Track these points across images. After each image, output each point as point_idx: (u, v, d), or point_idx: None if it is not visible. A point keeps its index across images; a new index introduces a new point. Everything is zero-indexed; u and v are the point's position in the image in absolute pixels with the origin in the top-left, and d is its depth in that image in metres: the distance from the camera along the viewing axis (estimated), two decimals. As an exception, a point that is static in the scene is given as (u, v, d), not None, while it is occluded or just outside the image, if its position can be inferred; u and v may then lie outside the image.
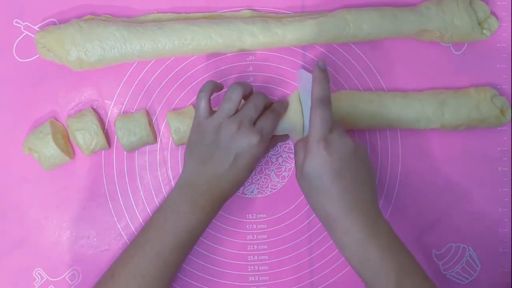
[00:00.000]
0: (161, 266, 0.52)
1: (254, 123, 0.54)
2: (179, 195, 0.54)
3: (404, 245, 0.51)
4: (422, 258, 0.62)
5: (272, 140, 0.59)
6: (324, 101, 0.52)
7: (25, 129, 0.61)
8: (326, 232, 0.62)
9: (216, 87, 0.56)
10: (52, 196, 0.61)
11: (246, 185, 0.62)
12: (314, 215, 0.62)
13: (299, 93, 0.59)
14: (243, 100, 0.56)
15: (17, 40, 0.61)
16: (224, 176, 0.53)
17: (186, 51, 0.59)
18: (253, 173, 0.62)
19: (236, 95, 0.54)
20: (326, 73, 0.53)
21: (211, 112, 0.55)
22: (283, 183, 0.62)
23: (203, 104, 0.55)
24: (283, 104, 0.59)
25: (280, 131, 0.58)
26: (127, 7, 0.62)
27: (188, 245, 0.54)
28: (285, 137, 0.62)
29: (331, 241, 0.62)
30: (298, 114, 0.58)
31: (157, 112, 0.62)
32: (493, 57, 0.63)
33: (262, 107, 0.56)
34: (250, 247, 0.62)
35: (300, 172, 0.51)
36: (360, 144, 0.52)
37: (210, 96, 0.55)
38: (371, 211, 0.51)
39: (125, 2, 0.62)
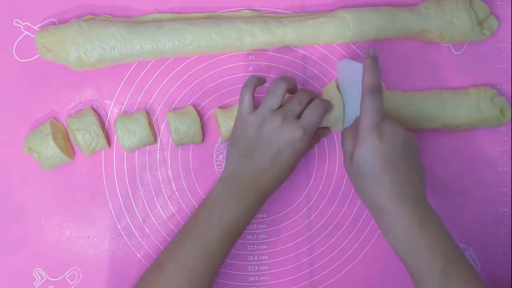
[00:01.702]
0: (208, 258, 0.52)
1: (299, 118, 0.54)
2: (224, 188, 0.54)
3: (451, 235, 0.51)
4: (422, 258, 0.62)
5: (315, 134, 0.58)
6: (376, 90, 0.52)
7: (25, 129, 0.61)
8: (326, 232, 0.62)
9: (259, 81, 0.56)
10: (52, 196, 0.61)
11: (246, 185, 0.62)
12: (314, 215, 0.62)
13: (337, 84, 0.59)
14: (287, 95, 0.56)
15: (17, 40, 0.61)
16: (267, 171, 0.54)
17: (186, 51, 0.59)
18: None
19: (280, 90, 0.54)
20: (377, 62, 0.53)
21: (255, 107, 0.55)
22: (283, 183, 0.62)
23: (247, 99, 0.55)
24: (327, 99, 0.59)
25: (323, 123, 0.58)
26: (127, 7, 0.62)
27: (234, 237, 0.54)
28: (327, 131, 0.62)
29: (331, 241, 0.62)
30: (339, 105, 0.58)
31: (157, 112, 0.62)
32: (493, 57, 0.64)
33: (307, 102, 0.56)
34: (250, 247, 0.62)
35: (349, 160, 0.52)
36: (410, 133, 0.52)
37: (254, 91, 0.55)
38: (420, 200, 0.51)
39: (125, 2, 0.62)
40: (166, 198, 0.62)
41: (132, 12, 0.62)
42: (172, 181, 0.62)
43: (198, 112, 0.61)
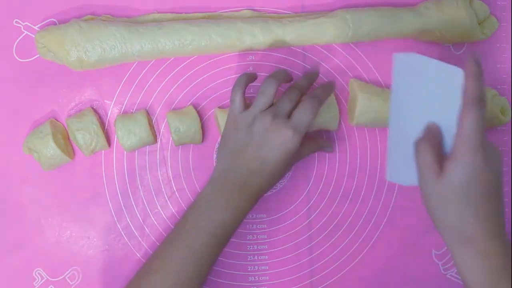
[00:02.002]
0: (196, 263, 0.51)
1: (290, 116, 0.53)
2: (213, 190, 0.54)
3: None
4: (422, 258, 0.62)
5: (315, 142, 0.57)
6: (482, 102, 0.44)
7: (25, 129, 0.61)
8: (326, 232, 0.62)
9: (250, 79, 0.55)
10: (52, 196, 0.61)
11: (246, 185, 0.62)
12: (314, 215, 0.62)
13: (393, 83, 0.52)
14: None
15: (17, 40, 0.61)
16: (257, 171, 0.53)
17: (186, 51, 0.59)
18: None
19: (270, 89, 0.53)
20: (482, 69, 0.45)
21: (246, 106, 0.54)
22: (283, 183, 0.62)
23: (237, 98, 0.54)
24: (326, 90, 0.56)
25: (318, 124, 0.58)
26: (127, 7, 0.62)
27: (223, 241, 0.53)
28: (329, 148, 0.61)
29: (331, 241, 0.62)
30: (334, 107, 0.58)
31: (157, 112, 0.62)
32: (493, 57, 0.64)
33: (298, 100, 0.54)
34: (250, 247, 0.62)
35: (432, 179, 0.46)
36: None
37: (245, 89, 0.54)
38: (507, 235, 0.47)
39: (125, 2, 0.62)
40: (166, 198, 0.62)
41: (132, 12, 0.62)
42: (172, 181, 0.62)
43: (198, 112, 0.61)
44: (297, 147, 0.53)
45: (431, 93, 0.49)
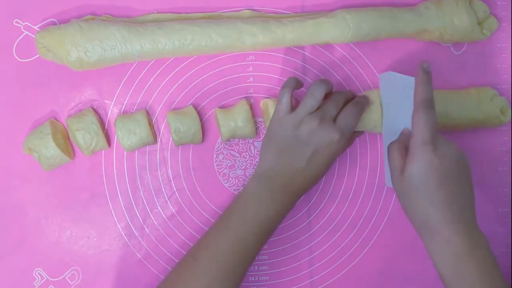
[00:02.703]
0: (242, 252, 0.52)
1: (335, 120, 0.55)
2: (259, 184, 0.54)
3: (497, 260, 0.49)
4: (421, 258, 0.62)
5: (351, 136, 0.58)
6: (430, 103, 0.50)
7: (25, 129, 0.61)
8: (326, 232, 0.62)
9: (299, 84, 0.57)
10: (52, 196, 0.61)
11: (246, 185, 0.62)
12: (314, 215, 0.62)
13: (380, 94, 0.59)
14: None
15: (17, 40, 0.61)
16: (302, 171, 0.54)
17: (186, 51, 0.59)
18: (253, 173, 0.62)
19: (319, 93, 0.54)
20: (430, 76, 0.51)
21: (292, 108, 0.55)
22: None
23: (285, 99, 0.55)
24: (367, 99, 0.59)
25: (361, 127, 0.59)
26: (127, 7, 0.62)
27: (267, 233, 0.54)
28: (360, 133, 0.62)
29: (331, 241, 0.62)
30: (377, 109, 0.59)
31: (157, 112, 0.62)
32: (493, 57, 0.64)
33: (342, 104, 0.56)
34: (250, 247, 0.62)
35: (398, 176, 0.51)
36: (464, 152, 0.51)
37: (293, 92, 0.55)
38: (472, 222, 0.50)
39: (125, 2, 0.62)
40: (166, 198, 0.62)
41: (132, 12, 0.62)
42: (172, 181, 0.62)
43: (198, 112, 0.61)
44: (342, 150, 0.55)
45: (404, 102, 0.54)
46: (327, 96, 0.56)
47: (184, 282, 0.52)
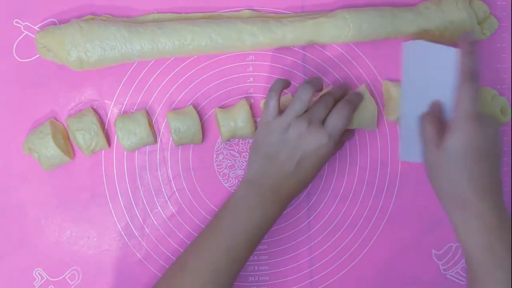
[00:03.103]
0: (232, 260, 0.52)
1: (324, 122, 0.54)
2: (248, 191, 0.54)
3: None
4: (422, 258, 0.62)
5: (339, 139, 0.58)
6: (476, 75, 0.50)
7: (25, 129, 0.61)
8: (326, 232, 0.62)
9: (286, 84, 0.56)
10: (52, 196, 0.61)
11: (246, 185, 0.62)
12: (314, 215, 0.62)
13: (403, 70, 0.58)
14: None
15: (17, 40, 0.61)
16: (291, 175, 0.54)
17: (186, 51, 0.59)
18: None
19: (306, 95, 0.54)
20: (477, 47, 0.51)
21: (280, 111, 0.55)
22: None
23: (272, 103, 0.55)
24: (358, 96, 0.58)
25: (356, 125, 0.58)
26: (127, 7, 0.62)
27: (258, 238, 0.54)
28: (351, 134, 0.61)
29: (331, 241, 0.62)
30: (372, 108, 0.58)
31: (157, 112, 0.62)
32: (493, 57, 0.64)
33: (332, 106, 0.55)
34: (250, 247, 0.62)
35: (433, 147, 0.51)
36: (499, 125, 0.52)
37: (280, 95, 0.55)
38: (501, 198, 0.50)
39: (125, 2, 0.62)
40: (166, 198, 0.62)
41: (132, 12, 0.62)
42: (172, 181, 0.62)
43: (198, 112, 0.61)
44: (331, 153, 0.55)
45: (434, 74, 0.53)
46: (319, 94, 0.56)
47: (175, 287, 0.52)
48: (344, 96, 0.58)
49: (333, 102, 0.56)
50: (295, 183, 0.54)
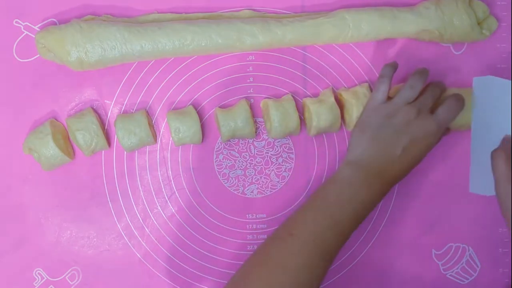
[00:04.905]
0: (336, 234, 0.52)
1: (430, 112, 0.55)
2: (352, 170, 0.54)
3: None
4: (422, 258, 0.62)
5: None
6: None
7: (25, 129, 0.61)
8: (326, 232, 0.62)
9: (395, 69, 0.57)
10: (52, 196, 0.61)
11: (246, 185, 0.62)
12: (314, 215, 0.62)
13: (474, 102, 0.59)
14: None
15: (17, 40, 0.61)
16: (396, 160, 0.54)
17: (186, 51, 0.60)
18: (253, 173, 0.62)
19: (418, 84, 0.55)
20: None
21: (388, 98, 0.56)
22: (283, 183, 0.62)
23: (384, 88, 0.56)
24: (463, 97, 0.58)
25: (456, 124, 0.59)
26: (127, 7, 0.62)
27: (361, 218, 0.54)
28: (448, 131, 0.61)
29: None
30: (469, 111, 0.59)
31: (157, 112, 0.62)
32: (493, 57, 0.64)
33: (438, 98, 0.56)
34: (250, 247, 0.62)
35: (505, 183, 0.52)
36: None
37: (391, 81, 0.56)
38: None
39: (125, 2, 0.62)
40: (166, 198, 0.62)
41: (132, 12, 0.62)
42: (172, 181, 0.62)
43: (198, 112, 0.61)
44: (436, 143, 0.55)
45: (505, 109, 0.56)
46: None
47: (280, 256, 0.51)
48: (445, 90, 0.59)
49: (439, 94, 0.57)
50: (398, 168, 0.54)
